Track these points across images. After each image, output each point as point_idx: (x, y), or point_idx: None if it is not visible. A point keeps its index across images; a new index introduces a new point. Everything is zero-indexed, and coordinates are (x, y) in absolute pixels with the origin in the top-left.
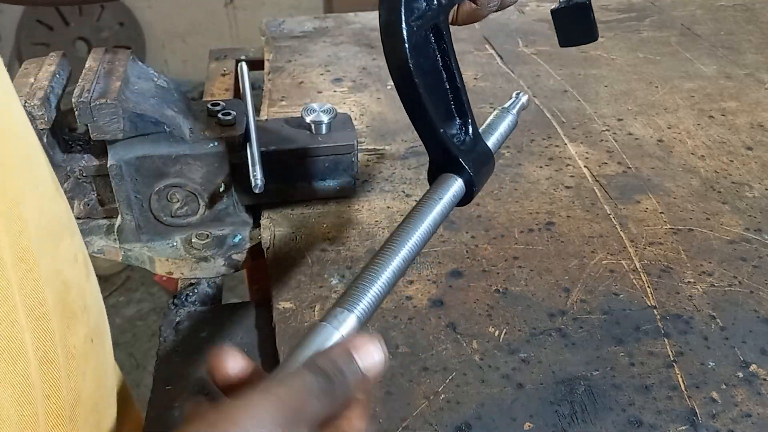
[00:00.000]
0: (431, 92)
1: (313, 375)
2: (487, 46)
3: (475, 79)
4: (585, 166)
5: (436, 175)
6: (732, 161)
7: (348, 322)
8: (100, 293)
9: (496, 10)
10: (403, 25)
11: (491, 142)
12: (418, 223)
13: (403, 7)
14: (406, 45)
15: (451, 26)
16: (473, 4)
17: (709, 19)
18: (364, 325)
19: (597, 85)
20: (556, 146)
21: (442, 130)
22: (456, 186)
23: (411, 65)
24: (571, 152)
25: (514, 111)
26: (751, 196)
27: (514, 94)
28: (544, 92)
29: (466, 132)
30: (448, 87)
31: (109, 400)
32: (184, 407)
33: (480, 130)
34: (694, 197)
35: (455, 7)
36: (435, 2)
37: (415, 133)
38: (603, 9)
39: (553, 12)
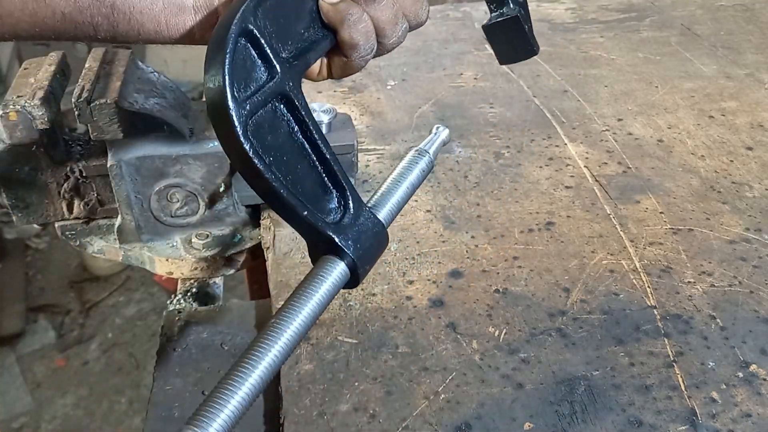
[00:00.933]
0: (290, 171)
1: None
2: (486, 46)
3: (475, 79)
4: (585, 166)
5: (315, 256)
6: (732, 161)
7: None
8: None
9: (374, 57)
10: (231, 106)
11: (387, 207)
12: (291, 319)
13: (227, 84)
14: (238, 129)
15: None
16: (343, 57)
17: (709, 19)
18: None
19: (597, 85)
20: (556, 146)
21: (306, 212)
22: (337, 270)
23: (248, 149)
24: (571, 152)
25: (432, 150)
26: (751, 196)
27: (434, 128)
28: (544, 92)
29: (345, 206)
30: (314, 159)
31: None
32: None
33: (381, 191)
34: (694, 197)
35: (323, 63)
36: (276, 69)
37: (416, 132)
38: (603, 9)
39: (484, 28)
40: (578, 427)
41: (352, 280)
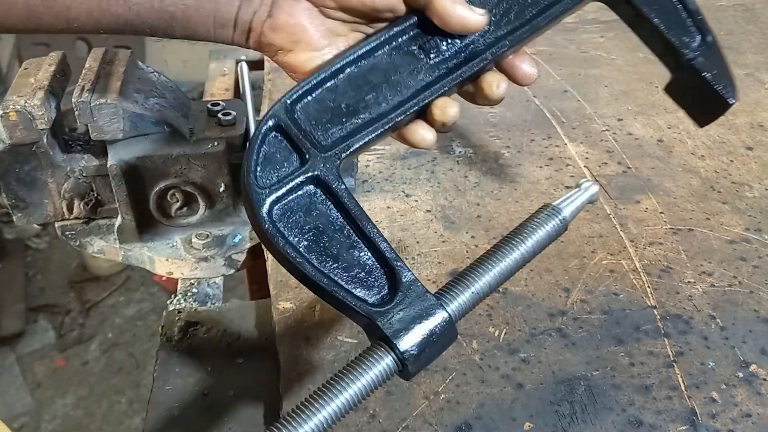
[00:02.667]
0: (330, 252)
1: None
2: None
3: None
4: (585, 166)
5: (371, 341)
6: (732, 161)
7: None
8: None
9: None
10: (250, 191)
11: (463, 297)
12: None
13: (250, 172)
14: (256, 211)
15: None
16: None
17: (709, 19)
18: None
19: (597, 85)
20: (556, 146)
21: (342, 294)
22: (383, 361)
23: (266, 229)
24: (571, 152)
25: (568, 210)
26: (751, 196)
27: (580, 183)
28: (544, 92)
29: (395, 288)
30: (357, 240)
31: None
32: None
33: (471, 266)
34: (694, 197)
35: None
36: (306, 157)
37: None
38: (603, 9)
39: (666, 90)
40: (578, 427)
41: (403, 373)
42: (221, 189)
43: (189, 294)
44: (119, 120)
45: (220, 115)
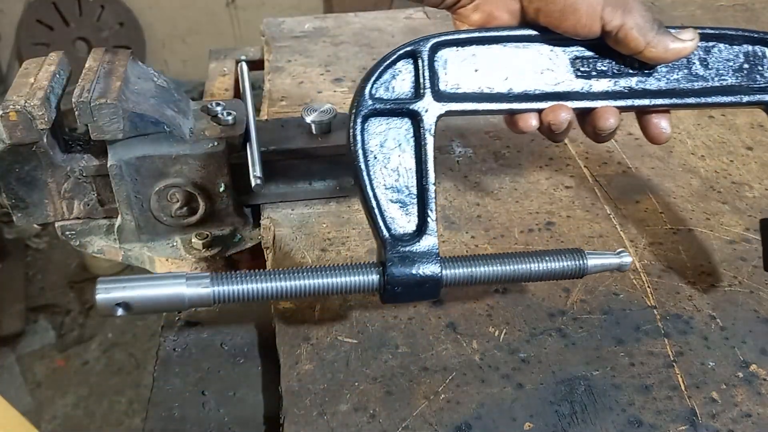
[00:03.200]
0: (386, 175)
1: None
2: None
3: None
4: (585, 166)
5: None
6: (732, 161)
7: None
8: None
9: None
10: (359, 92)
11: (462, 269)
12: (278, 277)
13: (369, 78)
14: (355, 110)
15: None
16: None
17: (709, 19)
18: None
19: None
20: (556, 146)
21: (374, 209)
22: (369, 274)
23: (352, 129)
24: (571, 152)
25: (592, 262)
26: (751, 196)
27: (620, 250)
28: None
29: (418, 234)
30: (413, 182)
31: None
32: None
33: (486, 257)
34: (694, 197)
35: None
36: (422, 95)
37: None
38: None
39: (761, 222)
40: (578, 427)
41: (381, 296)
42: (221, 189)
43: None
44: (119, 120)
45: (219, 115)
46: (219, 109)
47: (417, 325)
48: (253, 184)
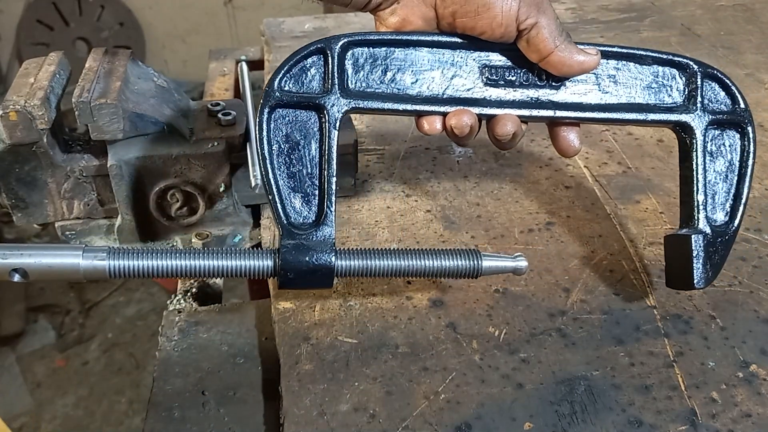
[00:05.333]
0: (290, 165)
1: None
2: None
3: None
4: (585, 166)
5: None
6: None
7: None
8: None
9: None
10: (267, 86)
11: (355, 261)
12: (180, 256)
13: (279, 71)
14: (264, 101)
15: None
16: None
17: (709, 19)
18: None
19: None
20: None
21: (274, 198)
22: (265, 259)
23: (259, 119)
24: None
25: (486, 263)
26: (751, 196)
27: (516, 255)
28: None
29: (316, 225)
30: (316, 173)
31: None
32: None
33: (381, 250)
34: None
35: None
36: (329, 91)
37: (416, 133)
38: (603, 9)
39: (665, 238)
40: (578, 427)
41: (279, 281)
42: (221, 189)
43: (189, 294)
44: (119, 120)
45: (220, 115)
46: (219, 109)
47: (417, 325)
48: (252, 184)
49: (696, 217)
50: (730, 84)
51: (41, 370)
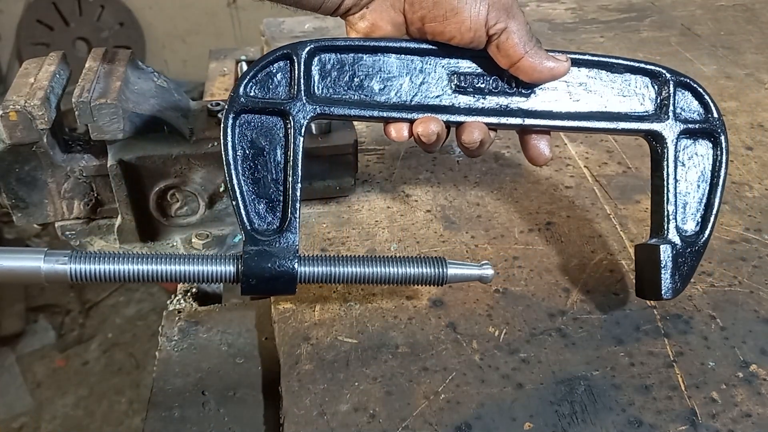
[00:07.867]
0: (254, 170)
1: None
2: None
3: None
4: (585, 166)
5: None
6: (732, 161)
7: None
8: None
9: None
10: (233, 91)
11: (321, 268)
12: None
13: (244, 77)
14: (229, 107)
15: None
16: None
17: (709, 19)
18: None
19: None
20: (556, 146)
21: (237, 203)
22: (227, 266)
23: (224, 127)
24: (571, 152)
25: (452, 271)
26: (751, 196)
27: (483, 262)
28: None
29: (279, 232)
30: (281, 179)
31: None
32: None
33: (351, 257)
34: None
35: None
36: (295, 97)
37: None
38: (603, 9)
39: (635, 247)
40: (578, 427)
41: (241, 288)
42: (221, 189)
43: (189, 294)
44: (119, 120)
45: (219, 115)
46: (219, 109)
47: (417, 325)
48: None
49: (666, 227)
50: (704, 93)
51: (41, 370)
